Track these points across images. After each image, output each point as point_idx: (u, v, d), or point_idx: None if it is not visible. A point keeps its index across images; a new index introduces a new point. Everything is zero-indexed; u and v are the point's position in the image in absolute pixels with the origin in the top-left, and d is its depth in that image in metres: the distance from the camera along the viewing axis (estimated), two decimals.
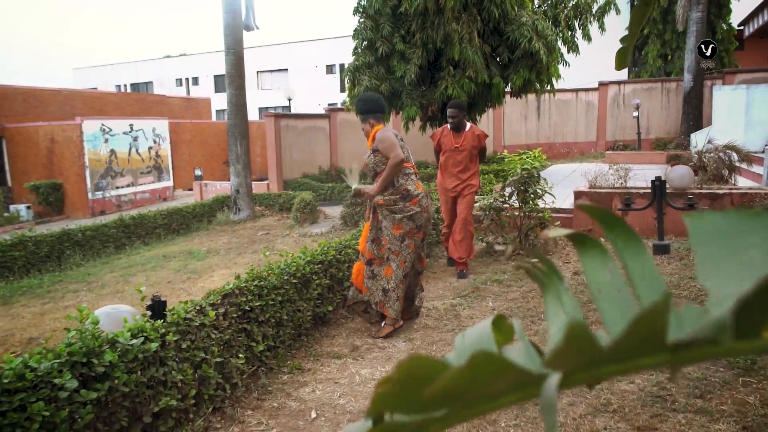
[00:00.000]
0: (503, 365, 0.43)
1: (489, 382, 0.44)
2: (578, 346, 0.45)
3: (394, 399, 0.44)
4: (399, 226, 3.88)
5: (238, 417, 2.89)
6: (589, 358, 0.46)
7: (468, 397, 0.45)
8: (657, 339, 0.44)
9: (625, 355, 0.46)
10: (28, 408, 2.07)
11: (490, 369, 0.42)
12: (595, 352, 0.45)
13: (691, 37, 14.69)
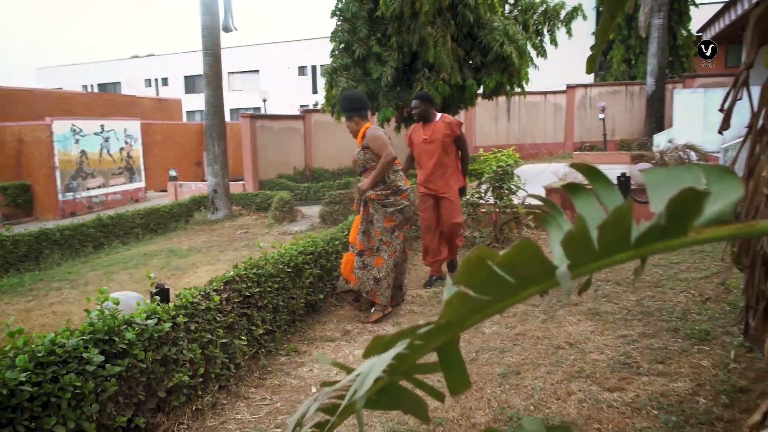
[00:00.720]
0: (536, 252, 0.69)
1: (526, 263, 0.70)
2: (577, 245, 0.72)
3: (468, 275, 0.70)
4: (390, 219, 4.14)
5: (243, 393, 3.10)
6: (583, 254, 0.73)
7: (515, 274, 0.71)
8: (624, 238, 0.71)
9: (606, 252, 0.73)
10: (60, 380, 2.25)
11: (528, 253, 0.69)
12: (588, 249, 0.72)
13: (653, 43, 15.35)
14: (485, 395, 2.77)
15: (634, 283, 4.18)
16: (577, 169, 0.86)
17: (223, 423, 2.80)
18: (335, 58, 10.42)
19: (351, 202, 9.86)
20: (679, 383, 2.58)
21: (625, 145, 17.62)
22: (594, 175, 0.85)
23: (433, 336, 0.79)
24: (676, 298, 3.81)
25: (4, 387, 2.06)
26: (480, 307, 0.77)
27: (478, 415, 2.57)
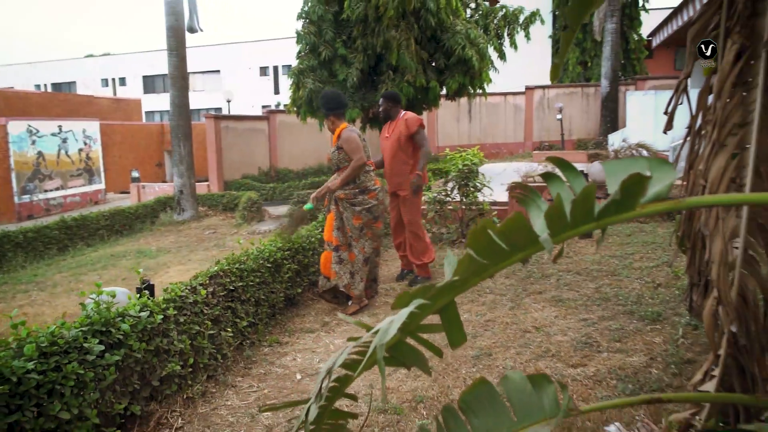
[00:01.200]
0: (525, 224, 0.90)
1: (517, 232, 0.91)
2: (555, 218, 0.94)
3: (474, 242, 0.91)
4: (358, 217, 4.33)
5: (230, 382, 3.24)
6: (559, 225, 0.95)
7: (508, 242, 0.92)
8: (589, 212, 0.93)
9: (576, 223, 0.95)
10: (63, 368, 2.36)
11: (519, 224, 0.90)
12: (563, 221, 0.94)
13: (606, 46, 16.00)
14: (461, 375, 3.00)
15: (597, 247, 4.50)
16: (551, 161, 1.08)
17: (214, 409, 2.95)
18: (301, 60, 10.54)
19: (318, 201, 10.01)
20: (634, 358, 2.87)
21: (581, 144, 18.29)
22: (565, 166, 1.07)
23: (445, 292, 1.00)
24: (631, 285, 4.14)
25: (12, 375, 2.17)
26: (480, 269, 0.99)
27: (455, 392, 2.80)
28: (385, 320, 1.18)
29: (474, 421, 1.24)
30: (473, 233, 0.92)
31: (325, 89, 4.66)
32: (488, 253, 0.96)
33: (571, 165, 1.06)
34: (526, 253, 0.98)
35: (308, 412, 1.19)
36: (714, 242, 1.72)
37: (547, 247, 0.91)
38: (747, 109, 1.73)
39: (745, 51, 1.72)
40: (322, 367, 1.20)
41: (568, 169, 1.07)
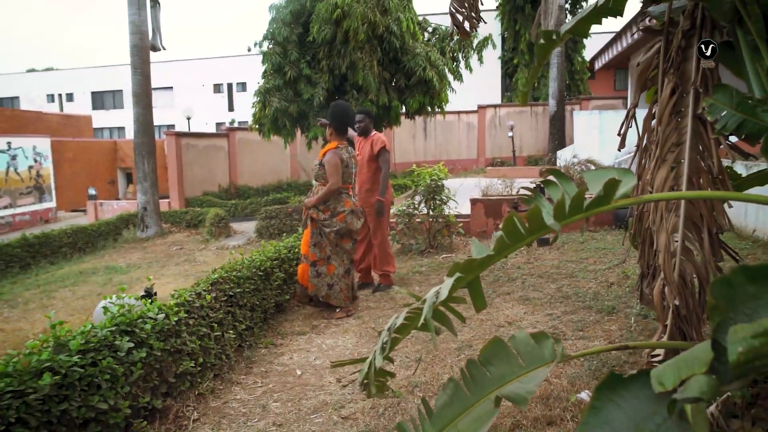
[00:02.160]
0: (540, 213, 1.31)
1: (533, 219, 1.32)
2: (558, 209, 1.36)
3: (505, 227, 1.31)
4: (329, 237, 4.64)
5: (235, 380, 3.52)
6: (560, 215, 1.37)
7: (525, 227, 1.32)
8: (580, 205, 1.36)
9: (571, 213, 1.37)
10: (99, 363, 2.61)
11: (536, 214, 1.31)
12: (562, 212, 1.36)
13: (553, 68, 16.99)
14: (447, 363, 3.39)
15: (582, 233, 4.99)
16: (549, 172, 1.50)
17: (225, 403, 3.22)
18: (267, 80, 10.84)
19: (286, 216, 10.28)
20: (595, 342, 3.34)
21: (531, 160, 19.23)
22: (557, 174, 1.49)
23: (480, 265, 1.39)
24: (587, 285, 4.65)
25: (61, 368, 2.41)
26: (505, 248, 1.39)
27: (444, 377, 3.18)
28: (431, 291, 1.57)
29: (491, 369, 1.64)
30: (505, 221, 1.32)
31: (342, 103, 4.93)
32: (513, 235, 1.36)
33: (562, 174, 1.48)
34: (536, 235, 1.39)
35: (373, 362, 1.55)
36: (659, 236, 2.19)
37: (555, 228, 1.32)
38: (681, 132, 2.22)
39: (678, 88, 2.21)
40: (385, 327, 1.57)
41: (560, 176, 1.49)
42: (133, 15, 11.24)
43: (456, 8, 3.02)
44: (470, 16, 3.03)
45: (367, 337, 4.10)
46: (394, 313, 4.48)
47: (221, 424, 2.95)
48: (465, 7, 3.00)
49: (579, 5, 22.03)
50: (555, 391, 2.76)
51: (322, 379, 3.43)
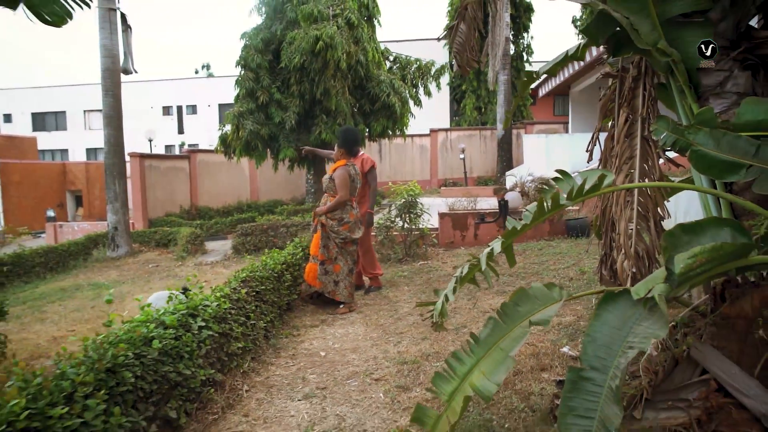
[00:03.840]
0: (557, 196, 2.09)
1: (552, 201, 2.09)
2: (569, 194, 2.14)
3: (538, 205, 2.07)
4: (336, 241, 5.33)
5: (269, 361, 4.11)
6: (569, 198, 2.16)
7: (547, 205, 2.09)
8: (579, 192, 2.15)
9: (577, 196, 2.16)
10: (182, 337, 3.18)
11: (554, 197, 2.08)
12: (570, 196, 2.15)
13: (500, 95, 18.31)
14: (449, 340, 4.12)
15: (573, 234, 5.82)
16: (558, 173, 2.28)
17: (267, 378, 3.81)
18: (241, 103, 11.41)
19: (262, 233, 10.77)
20: (567, 318, 4.16)
21: (481, 181, 20.43)
22: (565, 174, 2.28)
23: (515, 233, 2.15)
24: (551, 280, 5.52)
25: (159, 343, 2.97)
26: (534, 220, 2.15)
27: (446, 351, 3.90)
28: (484, 251, 2.32)
29: (519, 308, 2.39)
30: (538, 203, 2.09)
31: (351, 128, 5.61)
32: (539, 211, 2.12)
33: (569, 174, 2.27)
34: (554, 211, 2.16)
35: (444, 302, 2.27)
36: (620, 224, 3.03)
37: (567, 205, 2.09)
38: (633, 149, 3.08)
39: (630, 117, 3.08)
40: (455, 275, 2.29)
41: (566, 176, 2.28)
42: (104, 39, 11.58)
43: (458, 50, 3.83)
44: (470, 58, 3.83)
45: (373, 326, 4.77)
46: (391, 307, 5.19)
47: (271, 392, 3.55)
48: (466, 51, 3.81)
49: (521, 36, 23.75)
50: (542, 349, 3.54)
51: (345, 357, 4.08)
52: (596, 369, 1.93)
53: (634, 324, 1.94)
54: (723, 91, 2.60)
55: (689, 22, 2.61)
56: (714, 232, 1.98)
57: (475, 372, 2.36)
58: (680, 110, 2.72)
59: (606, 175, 2.18)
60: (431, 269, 6.95)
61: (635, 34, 2.58)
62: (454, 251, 8.16)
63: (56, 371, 2.35)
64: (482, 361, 2.37)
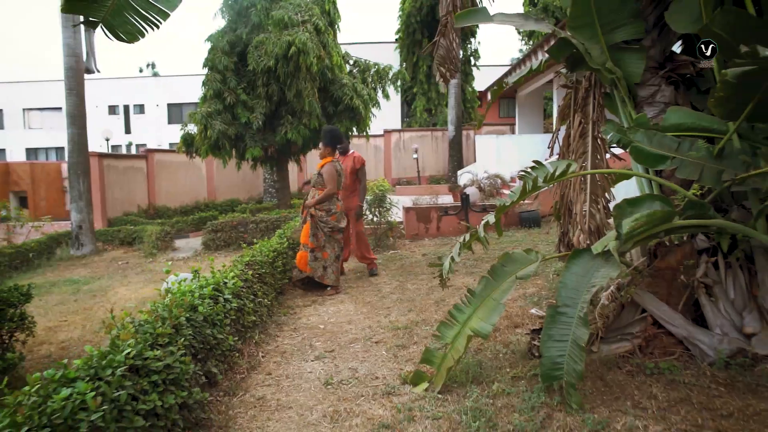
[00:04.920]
0: (537, 179, 2.79)
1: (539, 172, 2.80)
2: (547, 178, 2.85)
3: (521, 192, 2.76)
4: (324, 230, 5.91)
5: (275, 334, 4.65)
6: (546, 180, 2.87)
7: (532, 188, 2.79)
8: (552, 177, 2.87)
9: (550, 180, 2.88)
10: (215, 307, 3.70)
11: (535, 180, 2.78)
12: (547, 180, 2.87)
13: (451, 98, 19.25)
14: (431, 311, 4.79)
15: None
16: (534, 163, 2.98)
17: (277, 347, 4.36)
18: (209, 104, 11.72)
19: (232, 229, 11.14)
20: (530, 290, 4.91)
21: (434, 179, 21.32)
22: (540, 164, 2.99)
23: (508, 207, 2.83)
24: None
25: (199, 308, 3.49)
26: (519, 197, 2.84)
27: (432, 320, 4.57)
28: (482, 222, 2.99)
29: (505, 268, 3.08)
30: (523, 185, 2.78)
31: (333, 127, 6.18)
32: (523, 192, 2.81)
33: (543, 164, 2.97)
34: (533, 191, 2.85)
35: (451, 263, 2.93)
36: (576, 205, 3.78)
37: (544, 187, 2.79)
38: (585, 146, 3.83)
39: (582, 120, 3.84)
40: (458, 241, 2.95)
41: (541, 166, 2.98)
42: (68, 38, 11.62)
43: (441, 62, 4.50)
44: (450, 69, 4.51)
45: (361, 304, 5.39)
46: (374, 288, 5.82)
47: (285, 356, 4.11)
48: (447, 62, 4.49)
49: (468, 41, 24.82)
50: (514, 312, 4.26)
51: (343, 328, 4.67)
52: (568, 306, 2.64)
53: (594, 271, 2.66)
54: (654, 101, 3.39)
55: (629, 47, 3.39)
56: (649, 204, 2.73)
57: (473, 318, 3.03)
58: (622, 115, 3.50)
59: (571, 164, 2.90)
60: (402, 257, 7.63)
61: (588, 56, 3.32)
62: (419, 242, 8.86)
63: (138, 323, 2.84)
64: (479, 309, 3.05)
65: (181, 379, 2.78)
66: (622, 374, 2.90)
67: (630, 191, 4.89)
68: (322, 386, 3.47)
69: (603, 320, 3.17)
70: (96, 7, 2.89)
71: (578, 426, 2.47)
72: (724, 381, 2.65)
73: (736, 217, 3.02)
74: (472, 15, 3.63)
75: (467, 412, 2.73)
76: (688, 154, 2.87)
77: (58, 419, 1.94)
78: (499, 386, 2.95)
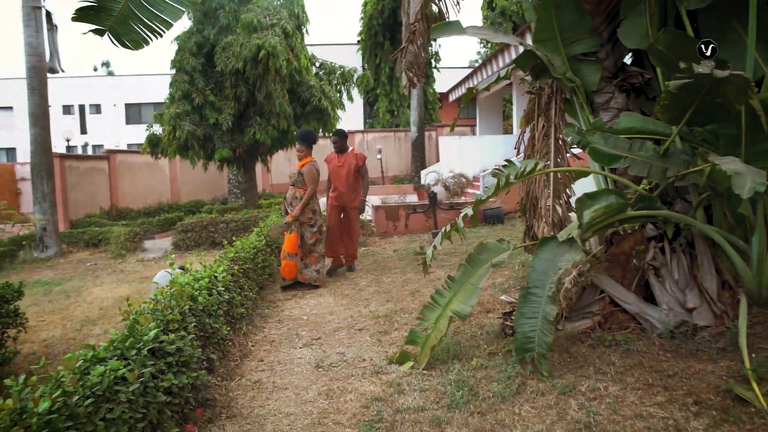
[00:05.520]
0: (509, 177, 3.16)
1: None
2: (518, 174, 3.23)
3: (496, 187, 3.13)
4: (312, 233, 6.16)
5: (260, 325, 4.90)
6: (517, 176, 3.25)
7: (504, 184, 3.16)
8: (525, 173, 3.25)
9: (520, 177, 3.25)
10: (210, 298, 3.93)
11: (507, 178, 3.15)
12: (517, 175, 3.25)
13: (414, 99, 19.70)
14: (408, 300, 5.13)
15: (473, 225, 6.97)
16: (507, 161, 3.35)
17: (265, 336, 4.61)
18: (177, 105, 11.75)
19: (202, 229, 11.21)
20: (498, 280, 5.31)
21: (397, 179, 21.72)
22: (510, 163, 3.36)
23: (484, 201, 3.19)
24: None
25: (198, 298, 3.72)
26: (494, 192, 3.21)
27: (410, 308, 4.91)
28: (461, 214, 3.35)
29: (481, 256, 3.44)
30: (497, 182, 3.14)
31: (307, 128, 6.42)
32: (497, 188, 3.17)
33: (513, 162, 3.35)
34: (505, 188, 3.22)
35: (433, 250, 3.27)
36: (541, 200, 4.19)
37: (515, 182, 3.16)
38: (548, 146, 4.24)
39: (545, 124, 4.25)
40: (439, 233, 3.29)
41: (512, 164, 3.36)
42: (30, 37, 11.44)
43: (408, 67, 4.84)
44: (417, 74, 4.85)
45: (340, 296, 5.68)
46: (351, 282, 6.12)
47: (274, 345, 4.37)
48: (414, 67, 4.83)
49: (429, 44, 25.29)
50: (485, 300, 4.65)
51: (325, 319, 4.96)
52: (538, 287, 3.02)
53: (560, 256, 3.05)
54: (608, 107, 3.82)
55: (586, 59, 3.81)
56: (605, 197, 3.14)
57: (453, 301, 3.39)
58: (581, 119, 3.92)
59: (539, 162, 3.29)
60: (374, 253, 7.95)
61: (551, 66, 3.72)
62: (388, 239, 9.21)
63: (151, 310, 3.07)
64: (458, 293, 3.40)
65: (190, 362, 3.02)
66: (585, 347, 3.30)
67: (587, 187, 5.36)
68: (314, 369, 3.75)
69: (567, 302, 3.57)
70: (104, 16, 3.10)
71: (549, 390, 2.85)
72: (670, 348, 3.08)
73: (679, 208, 3.47)
74: (447, 28, 3.99)
75: (451, 384, 3.07)
76: (638, 153, 3.29)
77: (99, 391, 2.18)
78: (478, 361, 3.31)
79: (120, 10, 3.12)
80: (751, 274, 3.21)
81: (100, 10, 3.09)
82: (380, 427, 2.76)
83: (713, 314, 3.17)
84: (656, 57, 3.24)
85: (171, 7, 3.27)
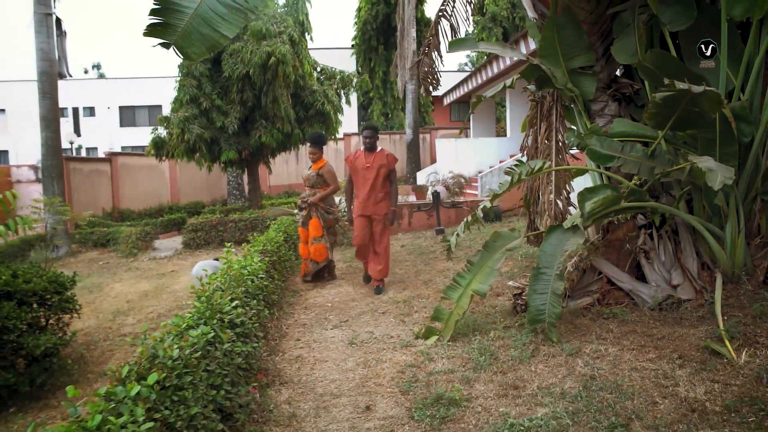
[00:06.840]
0: (521, 174, 3.71)
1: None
2: (527, 171, 3.78)
3: (510, 183, 3.67)
4: (329, 221, 6.66)
5: (289, 311, 5.40)
6: (527, 173, 3.79)
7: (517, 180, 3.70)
8: (534, 170, 3.80)
9: (530, 174, 3.80)
10: (254, 282, 4.42)
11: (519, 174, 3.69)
12: (527, 173, 3.80)
13: (409, 103, 20.23)
14: (422, 288, 5.65)
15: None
16: (518, 160, 3.89)
17: (296, 321, 5.12)
18: (185, 108, 12.19)
19: (212, 228, 11.66)
20: (505, 269, 5.85)
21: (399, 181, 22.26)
22: (521, 162, 3.91)
23: (500, 194, 3.73)
24: None
25: (246, 282, 4.22)
26: (509, 186, 3.75)
27: (426, 295, 5.44)
28: (480, 205, 3.89)
29: (495, 243, 3.99)
30: (510, 178, 3.69)
31: (315, 132, 6.81)
32: (510, 183, 3.72)
33: (523, 161, 3.89)
34: (517, 183, 3.76)
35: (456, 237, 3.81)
36: (544, 196, 4.74)
37: (526, 179, 3.70)
38: (550, 148, 4.79)
39: (547, 128, 4.80)
40: (461, 225, 3.82)
41: (522, 163, 3.90)
42: (41, 43, 11.83)
43: (424, 77, 5.38)
44: (433, 82, 5.39)
45: (359, 286, 6.19)
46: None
47: (306, 327, 4.88)
48: (430, 77, 5.37)
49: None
50: (494, 285, 5.19)
51: (349, 305, 5.47)
52: (547, 267, 3.56)
53: (565, 240, 3.60)
54: (603, 113, 4.38)
55: (584, 72, 4.37)
56: (602, 191, 3.69)
57: (473, 282, 3.92)
58: (579, 124, 4.48)
59: (545, 162, 3.83)
60: None
61: (553, 78, 4.27)
62: (394, 236, 9.73)
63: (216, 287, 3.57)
64: (477, 275, 3.94)
65: (250, 333, 3.53)
66: (587, 320, 3.85)
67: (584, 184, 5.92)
68: (348, 345, 4.27)
69: (570, 283, 4.12)
70: (170, 32, 3.59)
71: (558, 353, 3.39)
72: (658, 318, 3.64)
73: (665, 201, 4.04)
74: (463, 44, 4.53)
75: (474, 351, 3.61)
76: (630, 154, 3.84)
77: (198, 348, 2.68)
78: (496, 333, 3.84)
79: (184, 27, 3.62)
80: (726, 256, 3.78)
81: (166, 26, 3.58)
82: (417, 385, 3.28)
83: (694, 290, 3.74)
84: (644, 72, 3.80)
85: (228, 24, 3.77)
